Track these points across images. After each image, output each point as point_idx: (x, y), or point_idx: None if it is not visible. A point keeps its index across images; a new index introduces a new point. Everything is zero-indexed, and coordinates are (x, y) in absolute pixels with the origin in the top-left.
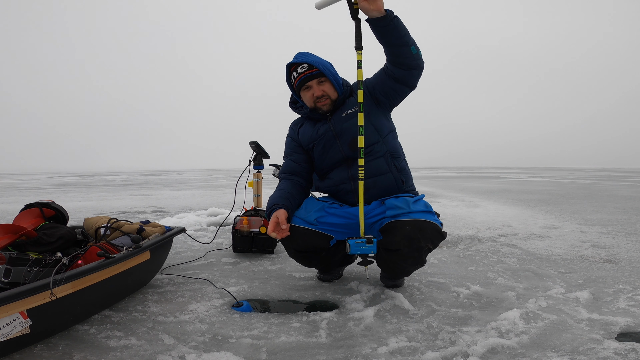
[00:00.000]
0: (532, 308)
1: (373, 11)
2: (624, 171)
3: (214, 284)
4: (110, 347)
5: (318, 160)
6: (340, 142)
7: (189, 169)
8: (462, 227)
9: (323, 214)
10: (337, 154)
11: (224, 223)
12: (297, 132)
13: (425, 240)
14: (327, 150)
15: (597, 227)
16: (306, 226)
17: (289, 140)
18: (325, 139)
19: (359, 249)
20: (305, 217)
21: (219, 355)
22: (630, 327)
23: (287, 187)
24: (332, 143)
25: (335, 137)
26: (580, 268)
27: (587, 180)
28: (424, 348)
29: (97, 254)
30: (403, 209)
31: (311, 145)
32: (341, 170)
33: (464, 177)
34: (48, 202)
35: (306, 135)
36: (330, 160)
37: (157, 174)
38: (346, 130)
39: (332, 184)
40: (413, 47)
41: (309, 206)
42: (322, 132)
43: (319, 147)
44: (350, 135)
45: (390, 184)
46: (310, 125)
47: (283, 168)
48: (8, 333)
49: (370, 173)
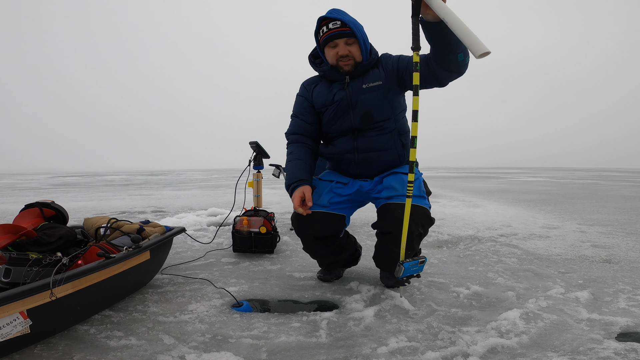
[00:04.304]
0: (532, 308)
1: (429, 15)
2: (624, 171)
3: (214, 284)
4: (110, 347)
5: (326, 125)
6: (353, 112)
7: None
8: (462, 227)
9: (332, 195)
10: (346, 123)
11: (224, 223)
12: (310, 93)
13: (416, 225)
14: (338, 118)
15: (597, 227)
16: (320, 210)
17: (301, 100)
18: (339, 107)
19: (411, 270)
20: (318, 202)
21: (219, 355)
22: (630, 327)
23: (304, 155)
24: (344, 112)
25: (349, 107)
26: (580, 268)
27: (587, 180)
28: (424, 348)
29: (97, 254)
30: (397, 191)
31: (324, 109)
32: (347, 139)
33: (464, 177)
34: (48, 202)
35: (320, 98)
36: (339, 127)
37: (157, 174)
38: (362, 103)
39: (336, 152)
40: (461, 54)
41: (318, 189)
42: (337, 99)
43: (330, 112)
44: (364, 108)
45: (393, 159)
46: (326, 87)
47: (293, 128)
48: (8, 333)
49: (376, 147)
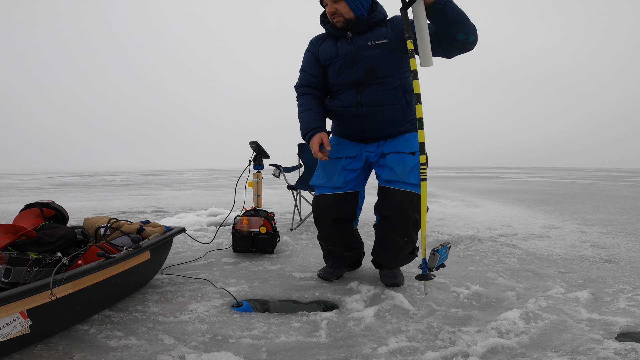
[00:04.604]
0: (532, 308)
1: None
2: (624, 171)
3: (214, 284)
4: (110, 347)
5: (332, 78)
6: (357, 66)
7: (189, 169)
8: (462, 227)
9: (345, 173)
10: (350, 77)
11: (224, 223)
12: (317, 48)
13: (413, 211)
14: (343, 71)
15: (597, 227)
16: (337, 192)
17: (309, 55)
18: (344, 60)
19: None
20: (332, 184)
21: (219, 355)
22: (630, 327)
23: (314, 105)
24: (348, 65)
25: (354, 61)
26: (580, 268)
27: (587, 180)
28: (424, 348)
29: (97, 254)
30: (397, 176)
31: (328, 62)
32: (352, 94)
33: (464, 177)
34: (48, 202)
35: (326, 52)
36: (343, 81)
37: (157, 174)
38: (367, 58)
39: (340, 105)
40: (461, 34)
41: (330, 171)
42: (342, 53)
43: (335, 66)
44: (369, 64)
45: (397, 114)
46: (332, 43)
47: (300, 81)
48: (8, 333)
49: (379, 102)
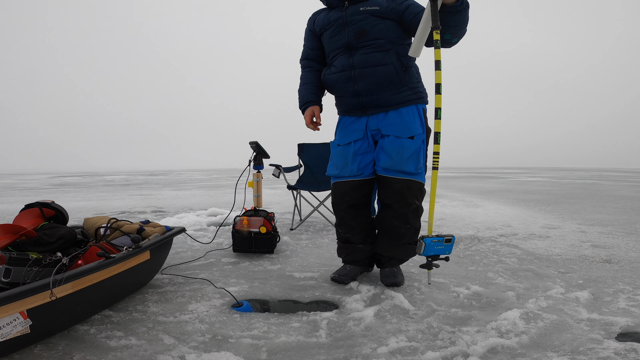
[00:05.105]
0: (532, 308)
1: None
2: (624, 171)
3: (214, 284)
4: (110, 347)
5: (326, 45)
6: (347, 29)
7: (189, 169)
8: (462, 227)
9: (359, 159)
10: (341, 40)
11: (224, 223)
12: (313, 21)
13: (412, 197)
14: (335, 35)
15: (597, 227)
16: (353, 179)
17: (307, 30)
18: (335, 25)
19: (435, 249)
20: (348, 172)
21: (219, 355)
22: (630, 327)
23: (311, 79)
24: (340, 30)
25: (345, 25)
26: (580, 268)
27: (587, 180)
28: (424, 348)
29: (97, 254)
30: (394, 165)
31: (323, 30)
32: (344, 58)
33: (464, 177)
34: (48, 202)
35: (320, 21)
36: (335, 45)
37: (157, 174)
38: (357, 22)
39: (336, 71)
40: (450, 35)
41: (343, 160)
42: (333, 20)
43: (328, 32)
44: (359, 27)
45: (390, 75)
46: (326, 13)
47: (302, 55)
48: (8, 333)
49: (371, 63)
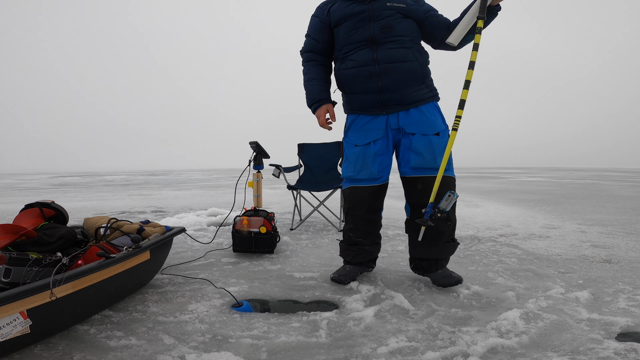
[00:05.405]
0: (532, 308)
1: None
2: (624, 171)
3: (214, 284)
4: (110, 347)
5: (343, 37)
6: (373, 24)
7: (189, 169)
8: (462, 227)
9: (379, 160)
10: (365, 33)
11: (224, 223)
12: (326, 11)
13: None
14: (357, 28)
15: (597, 227)
16: (372, 184)
17: (316, 20)
18: (359, 18)
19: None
20: (367, 174)
21: (219, 355)
22: (630, 327)
23: (319, 74)
24: (364, 23)
25: (370, 19)
26: (580, 268)
27: (587, 180)
28: (424, 348)
29: (97, 254)
30: (427, 162)
31: (342, 21)
32: (366, 52)
33: (464, 177)
34: (48, 202)
35: (338, 11)
36: (357, 38)
37: (157, 174)
38: (385, 17)
39: (355, 65)
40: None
41: (362, 161)
42: (357, 11)
43: (348, 24)
44: (386, 22)
45: (415, 70)
46: (344, 4)
47: (305, 46)
48: (8, 333)
49: (396, 59)
